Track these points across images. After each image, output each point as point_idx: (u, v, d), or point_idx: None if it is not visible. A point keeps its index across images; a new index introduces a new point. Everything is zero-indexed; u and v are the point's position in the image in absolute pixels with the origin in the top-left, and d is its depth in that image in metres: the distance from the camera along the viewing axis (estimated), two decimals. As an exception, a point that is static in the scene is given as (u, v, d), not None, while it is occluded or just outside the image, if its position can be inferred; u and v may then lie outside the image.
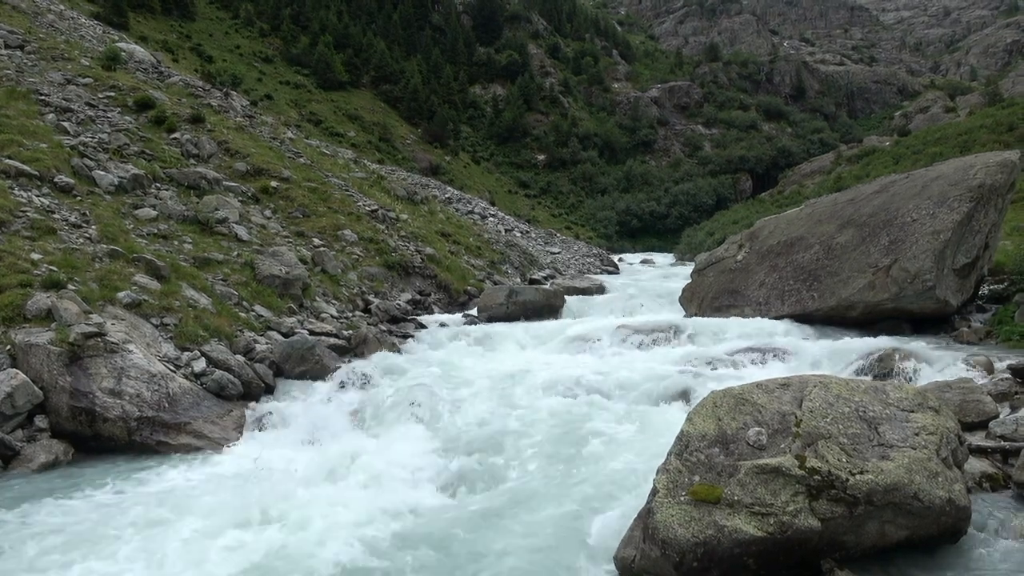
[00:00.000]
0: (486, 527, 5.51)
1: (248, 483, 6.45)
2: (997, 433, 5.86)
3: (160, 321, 8.98)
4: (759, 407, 4.79)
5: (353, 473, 6.74)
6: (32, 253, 9.16)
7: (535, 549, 5.05)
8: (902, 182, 11.70)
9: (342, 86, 76.70)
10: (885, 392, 4.94)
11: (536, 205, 79.75)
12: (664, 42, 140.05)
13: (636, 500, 5.12)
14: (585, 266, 31.90)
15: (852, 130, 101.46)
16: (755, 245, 12.90)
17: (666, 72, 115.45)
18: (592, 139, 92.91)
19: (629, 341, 10.95)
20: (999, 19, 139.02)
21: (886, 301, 10.34)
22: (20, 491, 6.24)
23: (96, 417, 7.22)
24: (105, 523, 5.57)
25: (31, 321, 7.89)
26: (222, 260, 11.69)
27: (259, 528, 5.45)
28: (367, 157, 47.60)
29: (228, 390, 8.35)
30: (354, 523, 5.52)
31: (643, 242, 75.22)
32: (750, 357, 9.49)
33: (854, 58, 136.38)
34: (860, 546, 4.35)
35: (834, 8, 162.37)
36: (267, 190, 15.87)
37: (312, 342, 9.58)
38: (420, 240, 18.12)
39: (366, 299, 13.61)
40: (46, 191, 11.37)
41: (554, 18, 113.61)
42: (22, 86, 15.17)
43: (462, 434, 7.41)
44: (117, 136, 14.52)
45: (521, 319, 13.57)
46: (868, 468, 4.30)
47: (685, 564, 4.21)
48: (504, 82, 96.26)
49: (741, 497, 4.27)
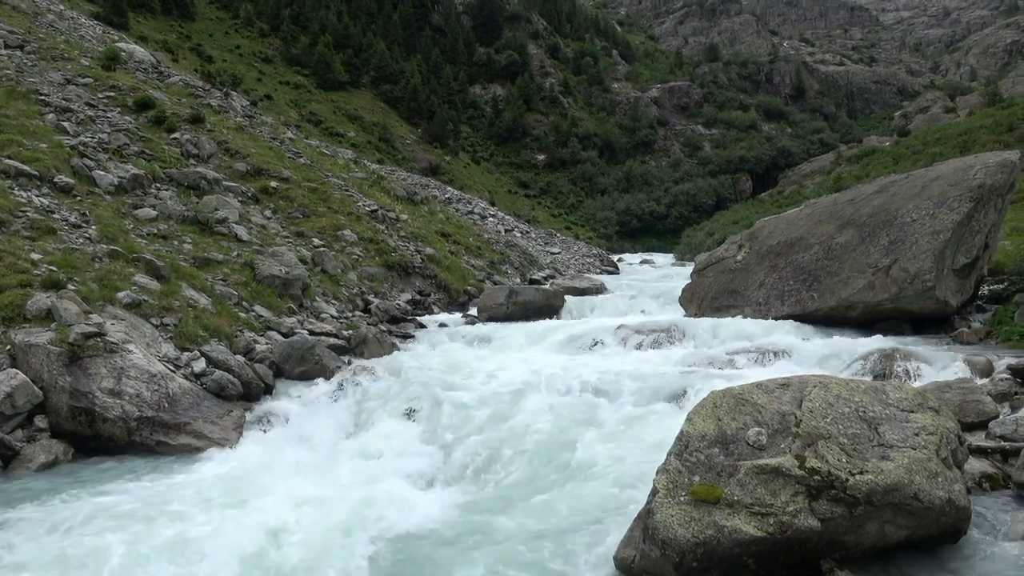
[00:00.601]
0: (485, 526, 5.51)
1: (248, 483, 6.44)
2: (997, 433, 5.86)
3: (160, 321, 8.98)
4: (759, 407, 4.79)
5: (353, 473, 6.74)
6: (32, 253, 9.16)
7: (534, 549, 5.05)
8: (902, 182, 11.70)
9: (342, 86, 76.69)
10: (885, 392, 4.94)
11: (536, 205, 79.75)
12: (664, 42, 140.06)
13: (635, 500, 5.12)
14: (585, 266, 31.92)
15: (852, 130, 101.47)
16: (755, 245, 12.90)
17: (666, 72, 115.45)
18: (592, 139, 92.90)
19: (629, 341, 10.94)
20: (999, 19, 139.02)
21: (886, 301, 10.34)
22: (19, 491, 6.24)
23: (96, 417, 7.22)
24: (102, 523, 5.57)
25: (31, 321, 7.89)
26: (222, 260, 11.69)
27: (259, 528, 5.44)
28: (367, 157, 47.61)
29: (228, 390, 8.34)
30: (354, 523, 5.52)
31: (643, 242, 75.22)
32: (750, 357, 9.49)
33: (854, 58, 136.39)
34: (860, 546, 4.35)
35: (834, 8, 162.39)
36: (267, 190, 15.87)
37: (312, 342, 9.57)
38: (420, 240, 18.12)
39: (366, 299, 13.61)
40: (46, 191, 11.36)
41: (554, 18, 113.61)
42: (22, 86, 15.17)
43: (461, 434, 7.41)
44: (117, 136, 14.52)
45: (521, 319, 13.57)
46: (868, 468, 4.30)
47: (685, 564, 4.21)
48: (504, 82, 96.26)
49: (741, 497, 4.27)
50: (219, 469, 6.95)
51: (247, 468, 6.90)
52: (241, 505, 5.88)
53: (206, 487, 6.39)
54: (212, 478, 6.67)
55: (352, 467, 6.92)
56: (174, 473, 6.83)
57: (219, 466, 7.04)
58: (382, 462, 7.00)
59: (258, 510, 5.73)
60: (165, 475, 6.76)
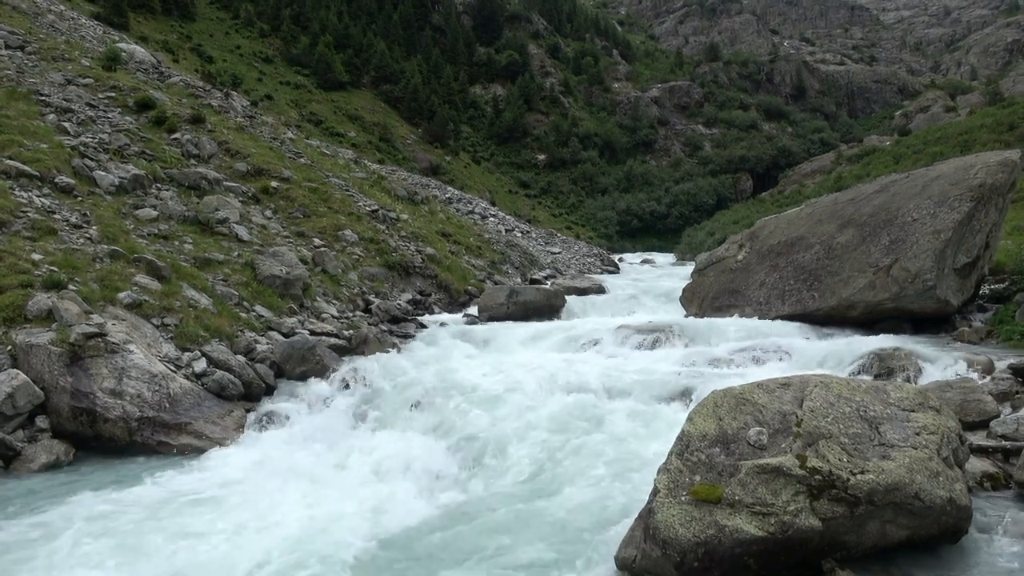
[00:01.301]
0: (485, 525, 5.51)
1: (249, 483, 6.45)
2: (998, 432, 5.86)
3: (161, 321, 8.98)
4: (760, 407, 4.79)
5: (353, 473, 6.75)
6: (33, 253, 9.17)
7: (535, 548, 5.05)
8: (902, 182, 11.70)
9: (342, 86, 76.69)
10: (886, 392, 4.94)
11: (536, 205, 79.73)
12: (664, 42, 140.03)
13: (636, 500, 5.12)
14: (585, 266, 31.90)
15: (852, 130, 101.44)
16: (755, 245, 12.90)
17: (666, 72, 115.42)
18: (592, 139, 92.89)
19: (630, 341, 10.94)
20: (999, 18, 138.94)
21: (886, 301, 10.33)
22: (20, 491, 6.24)
23: (97, 417, 7.23)
24: (104, 524, 5.57)
25: (32, 321, 7.90)
26: (223, 260, 11.69)
27: (260, 527, 5.45)
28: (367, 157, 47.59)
29: (229, 390, 8.35)
30: (355, 522, 5.52)
31: (643, 242, 75.17)
32: (751, 357, 9.49)
33: (854, 58, 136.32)
34: (861, 546, 4.34)
35: (834, 8, 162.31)
36: (267, 190, 15.87)
37: (313, 342, 9.58)
38: (420, 240, 18.12)
39: (367, 299, 13.61)
40: (47, 191, 11.37)
41: (554, 18, 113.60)
42: (23, 87, 15.18)
43: (462, 433, 7.40)
44: (118, 136, 14.53)
45: (522, 319, 13.56)
46: (869, 468, 4.29)
47: (686, 564, 4.21)
48: (504, 82, 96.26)
49: (742, 497, 4.27)
50: (220, 469, 6.95)
51: (248, 468, 6.90)
52: (242, 505, 5.89)
53: (207, 487, 6.39)
54: (213, 478, 6.67)
55: (353, 466, 6.92)
56: (175, 473, 6.83)
57: (220, 466, 7.04)
58: (383, 462, 7.00)
59: (259, 509, 5.73)
60: (166, 475, 6.76)
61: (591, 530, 5.21)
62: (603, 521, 5.28)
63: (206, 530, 5.40)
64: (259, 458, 7.16)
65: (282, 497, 6.05)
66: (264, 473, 6.73)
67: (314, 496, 6.09)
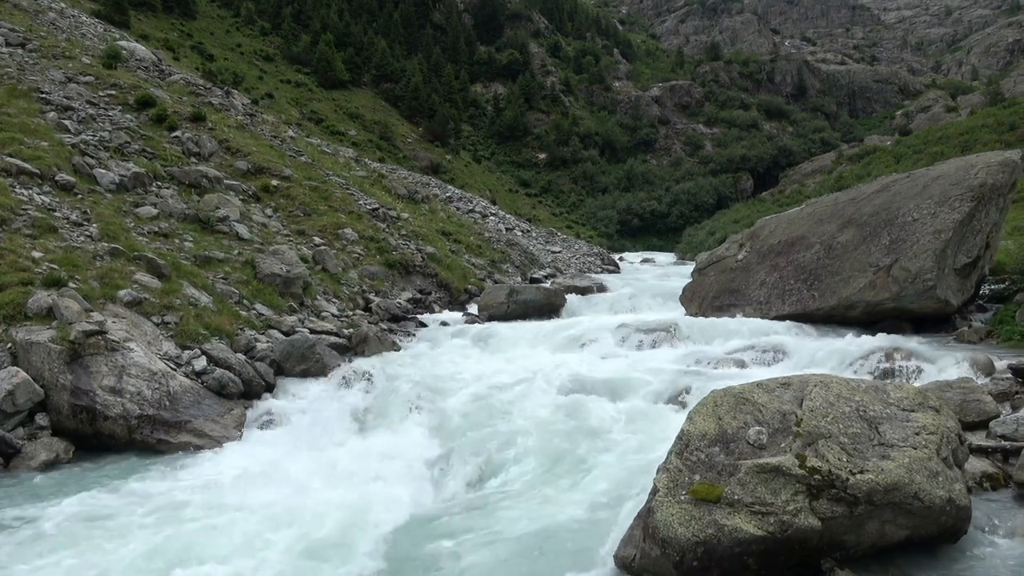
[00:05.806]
0: (485, 525, 5.51)
1: (249, 480, 6.45)
2: (998, 433, 5.86)
3: (161, 319, 8.98)
4: (759, 406, 4.79)
5: (354, 470, 6.75)
6: (33, 251, 9.17)
7: (534, 547, 5.05)
8: (903, 181, 11.69)
9: (343, 85, 76.63)
10: (886, 392, 4.94)
11: (537, 204, 79.67)
12: (665, 41, 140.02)
13: (636, 499, 5.12)
14: (586, 265, 31.88)
15: (853, 129, 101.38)
16: (756, 244, 12.89)
17: (667, 71, 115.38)
18: (593, 138, 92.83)
19: (630, 340, 10.94)
20: (1001, 18, 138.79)
21: (887, 301, 10.33)
22: (20, 489, 6.25)
23: (97, 415, 7.23)
24: (103, 521, 5.58)
25: (32, 319, 7.90)
26: (223, 258, 11.69)
27: (261, 525, 5.45)
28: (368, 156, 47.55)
29: (229, 388, 8.35)
30: (355, 519, 5.52)
31: (644, 241, 75.16)
32: (751, 356, 9.49)
33: (855, 57, 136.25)
34: (860, 546, 4.34)
35: (835, 7, 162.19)
36: (268, 188, 15.87)
37: (313, 341, 9.58)
38: (421, 239, 18.12)
39: (367, 298, 13.61)
40: (47, 189, 11.37)
41: (555, 17, 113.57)
42: (23, 84, 15.17)
43: (462, 432, 7.41)
44: (118, 134, 14.53)
45: (522, 318, 13.56)
46: (868, 468, 4.29)
47: (685, 563, 4.21)
48: (505, 81, 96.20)
49: (741, 496, 4.27)
50: (220, 467, 6.96)
51: (247, 466, 6.91)
52: (242, 502, 5.89)
53: (207, 484, 6.39)
54: (212, 475, 6.68)
55: (353, 464, 6.92)
56: (175, 471, 6.84)
57: (220, 464, 7.05)
58: (383, 460, 7.00)
59: (259, 507, 5.73)
60: (166, 473, 6.77)
61: (590, 529, 5.21)
62: (603, 520, 5.28)
63: (205, 527, 5.40)
64: (259, 456, 7.17)
65: (281, 495, 6.05)
66: (263, 471, 6.73)
67: (314, 493, 6.09)
